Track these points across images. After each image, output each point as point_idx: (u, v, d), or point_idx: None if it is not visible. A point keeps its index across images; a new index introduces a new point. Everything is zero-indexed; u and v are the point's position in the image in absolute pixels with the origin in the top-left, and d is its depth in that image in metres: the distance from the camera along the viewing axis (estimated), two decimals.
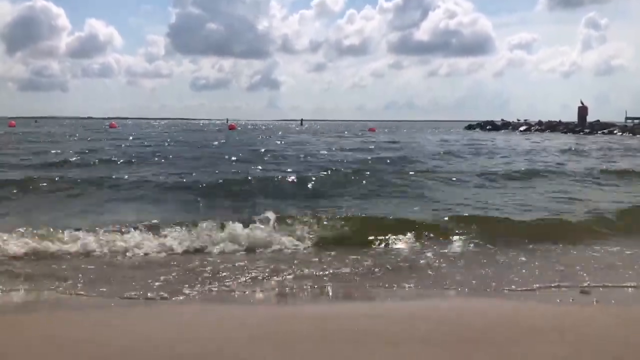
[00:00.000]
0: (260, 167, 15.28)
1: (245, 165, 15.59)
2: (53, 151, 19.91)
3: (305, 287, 4.95)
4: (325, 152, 22.01)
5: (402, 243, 6.65)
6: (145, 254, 6.00)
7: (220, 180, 11.38)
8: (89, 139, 32.45)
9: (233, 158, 18.49)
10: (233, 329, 3.90)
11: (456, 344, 3.58)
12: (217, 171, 13.73)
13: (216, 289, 4.81)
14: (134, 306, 4.43)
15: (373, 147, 26.47)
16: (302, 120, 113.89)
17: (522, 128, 58.11)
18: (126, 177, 11.99)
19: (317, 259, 5.87)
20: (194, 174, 13.05)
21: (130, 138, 30.52)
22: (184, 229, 6.62)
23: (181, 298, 4.54)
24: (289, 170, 14.18)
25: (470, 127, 69.03)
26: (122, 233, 6.40)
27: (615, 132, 46.27)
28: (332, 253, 6.11)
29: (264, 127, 77.71)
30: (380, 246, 6.61)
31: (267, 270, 5.40)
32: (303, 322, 4.06)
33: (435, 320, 4.06)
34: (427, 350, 3.48)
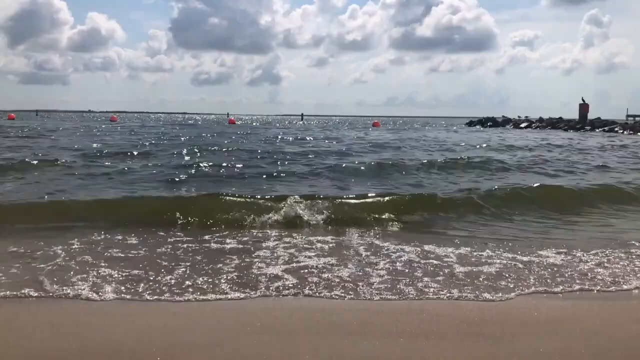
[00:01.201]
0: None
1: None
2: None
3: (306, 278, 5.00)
4: None
5: None
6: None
7: None
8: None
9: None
10: (232, 321, 3.96)
11: (455, 338, 3.64)
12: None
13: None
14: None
15: None
16: (302, 115, 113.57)
17: (523, 125, 58.03)
18: None
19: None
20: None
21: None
22: None
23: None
24: None
25: (471, 123, 68.98)
26: None
27: (616, 129, 46.23)
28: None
29: (258, 124, 74.63)
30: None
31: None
32: (303, 314, 4.13)
33: (433, 314, 4.11)
34: (426, 343, 3.54)
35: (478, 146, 24.66)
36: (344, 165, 14.73)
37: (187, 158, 16.12)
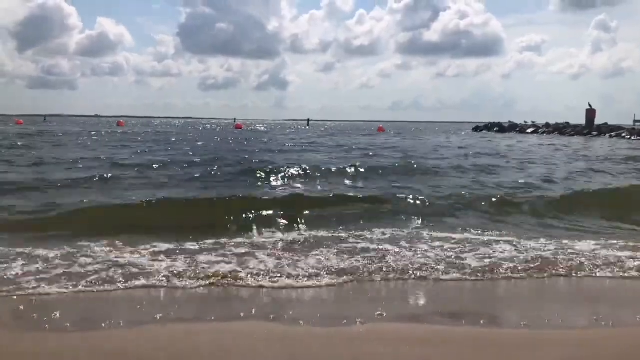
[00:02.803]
0: None
1: None
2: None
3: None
4: None
5: None
6: None
7: None
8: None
9: None
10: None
11: (458, 344, 3.60)
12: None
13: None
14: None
15: None
16: (308, 120, 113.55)
17: (529, 130, 57.81)
18: None
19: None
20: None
21: None
22: None
23: None
24: None
25: (477, 128, 68.77)
26: None
27: (623, 135, 45.98)
28: None
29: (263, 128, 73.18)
30: None
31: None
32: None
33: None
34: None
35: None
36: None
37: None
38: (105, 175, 12.07)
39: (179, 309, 4.27)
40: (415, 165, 15.88)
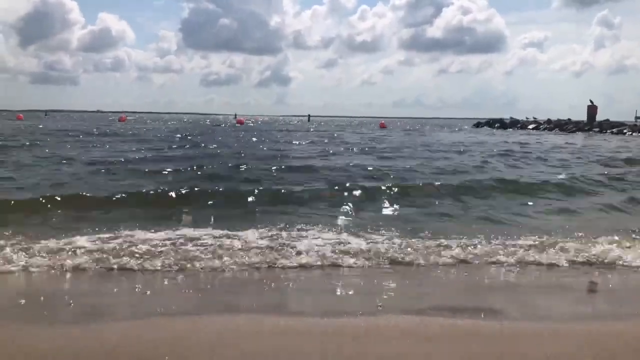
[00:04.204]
0: None
1: None
2: None
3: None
4: None
5: None
6: None
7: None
8: None
9: None
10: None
11: (451, 341, 3.59)
12: None
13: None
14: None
15: None
16: (309, 116, 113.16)
17: (531, 126, 57.68)
18: None
19: None
20: None
21: None
22: None
23: None
24: None
25: (478, 124, 68.63)
26: None
27: (625, 131, 45.87)
28: None
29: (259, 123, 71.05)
30: None
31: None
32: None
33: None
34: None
35: None
36: None
37: None
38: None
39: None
40: None
